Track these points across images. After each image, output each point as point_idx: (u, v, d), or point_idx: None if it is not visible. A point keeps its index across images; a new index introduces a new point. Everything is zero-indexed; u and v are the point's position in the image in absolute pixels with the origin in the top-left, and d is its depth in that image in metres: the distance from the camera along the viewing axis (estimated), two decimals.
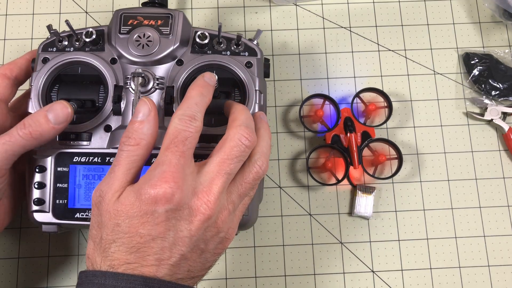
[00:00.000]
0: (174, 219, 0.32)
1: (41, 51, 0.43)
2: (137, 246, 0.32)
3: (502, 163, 0.54)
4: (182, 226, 0.32)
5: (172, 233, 0.32)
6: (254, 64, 0.43)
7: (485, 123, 0.55)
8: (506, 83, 0.55)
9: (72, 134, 0.41)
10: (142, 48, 0.42)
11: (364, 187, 0.51)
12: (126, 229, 0.32)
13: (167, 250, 0.32)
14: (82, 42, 0.43)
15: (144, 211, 0.32)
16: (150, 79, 0.41)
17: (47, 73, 0.42)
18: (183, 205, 0.32)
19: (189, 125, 0.34)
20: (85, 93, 0.42)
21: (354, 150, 0.50)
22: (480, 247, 0.52)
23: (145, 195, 0.32)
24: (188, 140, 0.34)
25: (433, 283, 0.51)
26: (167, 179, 0.32)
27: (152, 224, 0.32)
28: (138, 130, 0.35)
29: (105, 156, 0.41)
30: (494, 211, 0.52)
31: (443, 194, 0.53)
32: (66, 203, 0.41)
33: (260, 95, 0.42)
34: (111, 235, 0.32)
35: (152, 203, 0.32)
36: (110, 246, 0.32)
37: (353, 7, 0.58)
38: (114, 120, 0.41)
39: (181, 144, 0.33)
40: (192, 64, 0.42)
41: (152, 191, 0.32)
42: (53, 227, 0.41)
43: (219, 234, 0.35)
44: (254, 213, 0.43)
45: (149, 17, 0.43)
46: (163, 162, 0.33)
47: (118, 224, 0.32)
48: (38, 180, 0.41)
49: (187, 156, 0.33)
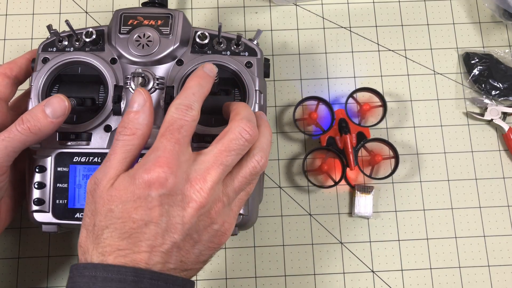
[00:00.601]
0: (167, 204, 0.32)
1: (41, 51, 0.43)
2: (129, 231, 0.32)
3: (502, 163, 0.54)
4: (175, 212, 0.32)
5: (165, 218, 0.32)
6: (254, 64, 0.43)
7: (485, 123, 0.55)
8: (506, 83, 0.55)
9: (72, 134, 0.41)
10: (142, 48, 0.42)
11: (363, 187, 0.51)
12: (119, 214, 0.32)
13: (160, 237, 0.32)
14: (82, 42, 0.43)
15: (138, 195, 0.32)
16: (150, 79, 0.41)
17: (47, 73, 0.42)
18: (177, 191, 0.32)
19: (185, 114, 0.34)
20: (85, 93, 0.42)
21: (350, 151, 0.50)
22: (480, 247, 0.52)
23: (139, 179, 0.32)
24: (183, 128, 0.34)
25: (433, 283, 0.51)
26: (161, 164, 0.32)
27: (145, 208, 0.32)
28: (134, 120, 0.35)
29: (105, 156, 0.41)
30: (494, 211, 0.52)
31: (443, 194, 0.53)
32: (66, 203, 0.41)
33: (260, 95, 0.42)
34: (104, 221, 0.32)
35: (145, 187, 0.32)
36: (102, 232, 0.32)
37: (353, 7, 0.58)
38: (114, 120, 0.41)
39: (176, 131, 0.33)
40: (192, 64, 0.42)
41: (146, 176, 0.32)
42: (53, 227, 0.41)
43: (212, 226, 0.34)
44: (254, 213, 0.43)
45: (149, 17, 0.43)
46: (157, 148, 0.33)
47: (112, 210, 0.32)
48: (38, 180, 0.41)
49: (182, 143, 0.33)
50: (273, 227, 0.52)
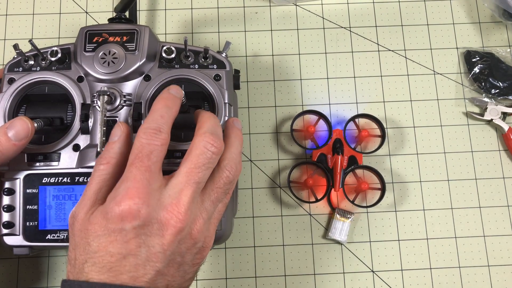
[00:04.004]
0: (144, 235, 0.31)
1: (7, 71, 0.42)
2: (108, 265, 0.31)
3: (502, 163, 0.54)
4: (154, 242, 0.32)
5: (143, 249, 0.31)
6: (223, 77, 0.43)
7: (485, 123, 0.55)
8: (506, 82, 0.55)
9: (40, 155, 0.41)
10: (108, 65, 0.41)
11: (343, 211, 0.51)
12: (96, 248, 0.31)
13: (141, 268, 0.31)
14: (48, 61, 0.42)
15: (111, 229, 0.31)
16: (116, 97, 0.41)
17: (14, 94, 0.41)
18: (151, 220, 0.32)
19: (154, 138, 0.33)
20: (53, 112, 0.42)
21: (338, 172, 0.50)
22: (480, 247, 0.52)
23: (111, 213, 0.31)
24: (153, 154, 0.33)
25: (433, 283, 0.51)
26: (131, 196, 0.31)
27: (121, 242, 0.31)
28: (110, 150, 0.35)
29: (75, 176, 0.41)
30: (494, 211, 0.52)
31: (443, 194, 0.53)
32: (37, 225, 0.40)
33: (230, 108, 0.42)
34: (84, 254, 0.32)
35: (118, 220, 0.31)
36: (83, 266, 0.32)
37: (353, 7, 0.58)
38: (82, 139, 0.41)
39: (146, 158, 0.33)
40: (159, 79, 0.42)
41: (117, 209, 0.31)
42: (25, 250, 0.41)
43: (196, 245, 0.34)
44: (229, 227, 0.43)
45: (114, 33, 0.42)
46: (127, 178, 0.32)
47: (89, 244, 0.32)
48: (7, 203, 0.40)
49: (152, 170, 0.33)
50: (273, 227, 0.52)
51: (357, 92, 0.55)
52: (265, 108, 0.54)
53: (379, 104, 0.55)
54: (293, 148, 0.54)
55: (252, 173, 0.53)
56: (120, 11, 0.47)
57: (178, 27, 0.57)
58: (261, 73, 0.55)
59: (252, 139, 0.54)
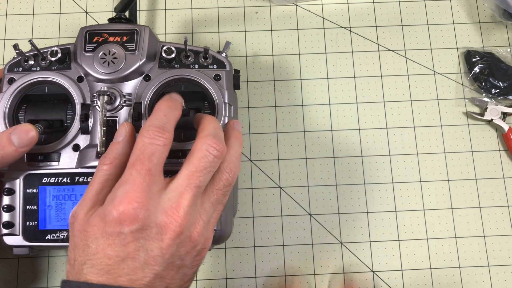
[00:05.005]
0: (143, 238, 0.31)
1: (7, 71, 0.42)
2: (106, 268, 0.31)
3: (502, 163, 0.54)
4: (152, 245, 0.31)
5: (142, 253, 0.31)
6: (223, 77, 0.43)
7: (485, 123, 0.55)
8: (506, 82, 0.55)
9: (40, 155, 0.41)
10: (108, 65, 0.41)
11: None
12: (94, 250, 0.31)
13: (139, 271, 0.31)
14: (48, 61, 0.42)
15: (109, 232, 0.31)
16: (116, 97, 0.41)
17: (14, 94, 0.41)
18: (150, 224, 0.31)
19: (156, 138, 0.33)
20: (53, 112, 0.42)
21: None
22: (480, 247, 0.52)
23: (109, 216, 0.31)
24: (155, 155, 0.32)
25: (433, 283, 0.51)
26: (130, 200, 0.31)
27: (119, 245, 0.31)
28: (114, 150, 0.35)
29: (75, 176, 0.41)
30: (494, 211, 0.52)
31: (443, 194, 0.53)
32: (37, 225, 0.40)
33: (230, 108, 0.42)
34: (82, 256, 0.32)
35: (116, 224, 0.31)
36: (82, 267, 0.31)
37: (353, 7, 0.58)
38: (82, 139, 0.41)
39: (147, 160, 0.32)
40: (159, 79, 0.42)
41: (115, 212, 0.31)
42: (25, 250, 0.41)
43: (195, 248, 0.34)
44: (228, 227, 0.42)
45: (114, 33, 0.42)
46: (127, 180, 0.32)
47: (88, 245, 0.31)
48: (7, 203, 0.40)
49: (153, 173, 0.32)
50: (273, 227, 0.52)
51: (357, 92, 0.55)
52: (265, 108, 0.54)
53: (379, 104, 0.55)
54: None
55: (252, 173, 0.53)
56: (120, 11, 0.47)
57: (178, 27, 0.57)
58: (261, 73, 0.55)
59: (252, 139, 0.54)
